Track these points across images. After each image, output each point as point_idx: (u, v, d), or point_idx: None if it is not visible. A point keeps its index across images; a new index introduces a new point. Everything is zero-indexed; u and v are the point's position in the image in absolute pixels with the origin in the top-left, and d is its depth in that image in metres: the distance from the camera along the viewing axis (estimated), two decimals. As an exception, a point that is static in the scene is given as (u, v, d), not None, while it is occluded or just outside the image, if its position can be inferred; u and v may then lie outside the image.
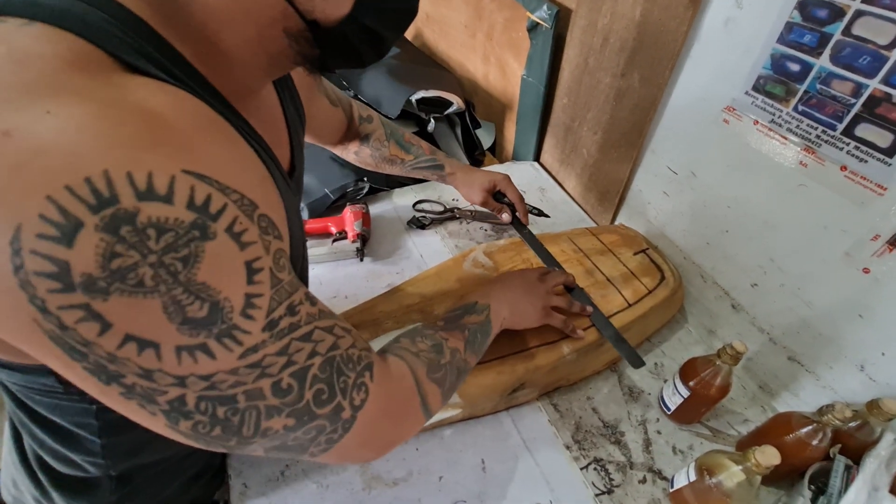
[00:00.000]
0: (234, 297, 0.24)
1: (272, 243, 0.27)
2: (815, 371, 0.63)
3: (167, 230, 0.22)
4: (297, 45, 0.32)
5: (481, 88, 1.27)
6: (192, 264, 0.22)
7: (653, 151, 0.78)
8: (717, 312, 0.74)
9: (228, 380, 0.25)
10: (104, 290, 0.21)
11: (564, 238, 0.77)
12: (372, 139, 0.74)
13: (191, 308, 0.23)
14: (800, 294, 0.62)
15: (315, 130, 0.66)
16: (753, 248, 0.66)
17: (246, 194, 0.25)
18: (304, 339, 0.29)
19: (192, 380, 0.24)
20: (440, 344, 0.44)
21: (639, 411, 0.66)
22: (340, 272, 0.82)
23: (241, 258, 0.24)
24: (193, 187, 0.23)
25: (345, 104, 0.70)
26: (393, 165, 0.77)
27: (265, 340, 0.26)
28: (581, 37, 0.84)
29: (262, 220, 0.26)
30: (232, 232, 0.24)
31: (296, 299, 0.28)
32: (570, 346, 0.61)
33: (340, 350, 0.31)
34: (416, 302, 0.65)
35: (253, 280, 0.25)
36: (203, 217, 0.23)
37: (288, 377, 0.28)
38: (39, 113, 0.20)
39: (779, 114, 0.57)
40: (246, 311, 0.25)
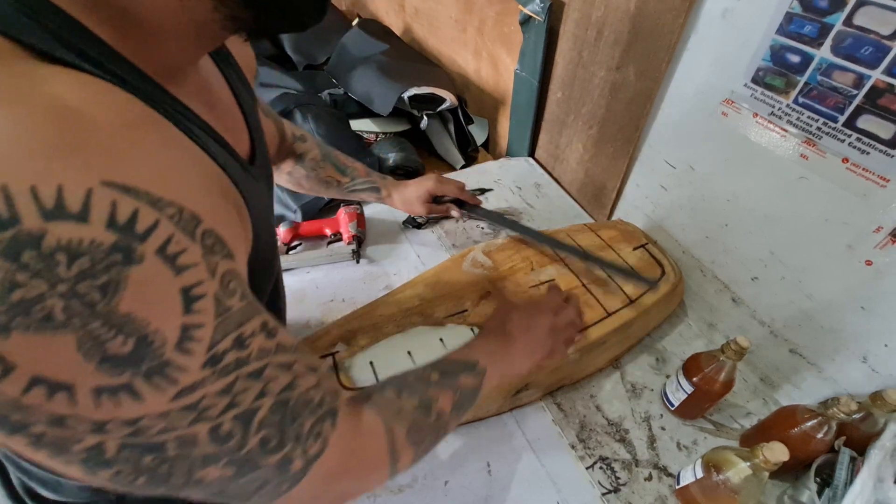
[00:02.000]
0: (166, 329, 0.21)
1: (220, 264, 0.23)
2: (817, 363, 0.63)
3: (81, 254, 0.19)
4: (225, 7, 0.28)
5: (473, 84, 1.25)
6: (113, 294, 0.19)
7: (650, 146, 0.78)
8: (718, 306, 0.74)
9: (157, 425, 0.22)
10: (4, 326, 0.18)
11: (563, 235, 0.76)
12: (307, 159, 0.69)
13: (112, 344, 0.20)
14: (801, 287, 0.62)
15: None
16: (754, 241, 0.66)
17: (186, 206, 0.22)
18: (254, 376, 0.25)
19: (113, 425, 0.21)
20: (429, 403, 0.40)
21: (642, 408, 0.66)
22: (336, 275, 0.80)
23: (175, 284, 0.21)
24: (115, 202, 0.19)
25: (275, 118, 0.65)
26: (328, 188, 0.73)
27: (205, 378, 0.23)
28: (574, 30, 0.83)
29: (206, 236, 0.23)
30: (164, 254, 0.21)
31: (247, 330, 0.25)
32: (573, 346, 0.60)
33: (298, 391, 0.28)
34: (416, 305, 0.64)
35: (192, 309, 0.22)
36: (127, 237, 0.20)
37: (230, 421, 0.24)
38: None
39: (779, 106, 0.56)
40: (182, 345, 0.22)
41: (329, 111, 1.05)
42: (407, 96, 1.01)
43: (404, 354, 0.58)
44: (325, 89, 1.18)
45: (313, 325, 0.72)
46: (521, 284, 0.67)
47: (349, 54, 1.26)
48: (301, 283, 0.78)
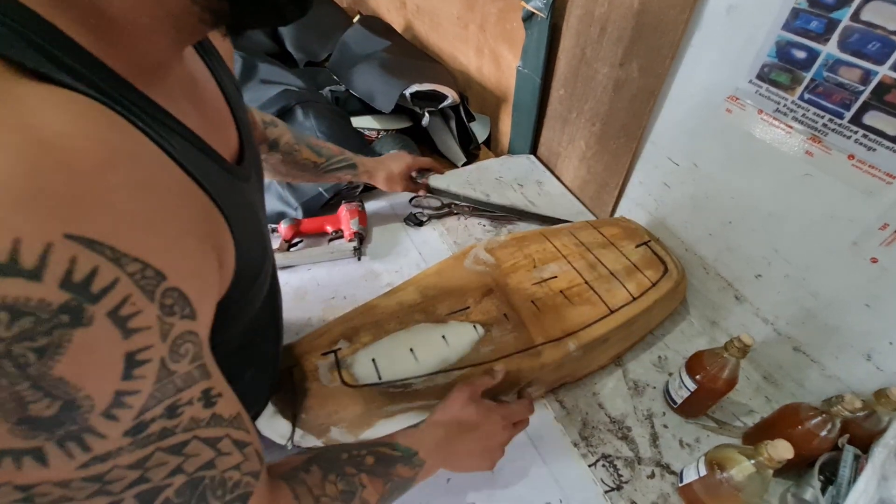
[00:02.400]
0: (98, 394, 0.20)
1: (175, 326, 0.22)
2: (821, 361, 0.63)
3: (24, 314, 0.17)
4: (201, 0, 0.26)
5: (475, 81, 1.25)
6: (51, 356, 0.18)
7: (653, 143, 0.77)
8: (721, 304, 0.74)
9: (53, 493, 0.20)
10: None
11: (565, 232, 0.76)
12: (281, 143, 0.68)
13: (35, 406, 0.18)
14: (805, 284, 0.61)
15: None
16: (757, 238, 0.65)
17: (151, 262, 0.21)
18: (173, 450, 0.23)
19: (4, 490, 0.19)
20: (354, 492, 0.38)
21: (645, 405, 0.66)
22: (338, 272, 0.80)
23: (121, 348, 0.20)
24: (75, 259, 0.18)
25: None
26: (305, 171, 0.72)
27: (121, 448, 0.21)
28: (577, 26, 0.83)
29: (167, 296, 0.22)
30: (116, 315, 0.20)
31: (184, 397, 0.23)
32: (576, 343, 0.60)
33: (214, 471, 0.26)
34: (419, 302, 0.63)
35: (132, 374, 0.20)
36: (79, 298, 0.18)
37: (132, 499, 0.22)
38: None
39: (784, 102, 0.56)
40: (109, 412, 0.20)
41: (330, 108, 1.05)
42: (409, 93, 1.01)
43: (407, 352, 0.58)
44: (327, 86, 1.18)
45: (315, 323, 0.72)
46: (523, 282, 0.67)
47: (350, 51, 1.26)
48: (302, 280, 0.78)
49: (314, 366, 0.55)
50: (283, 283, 0.76)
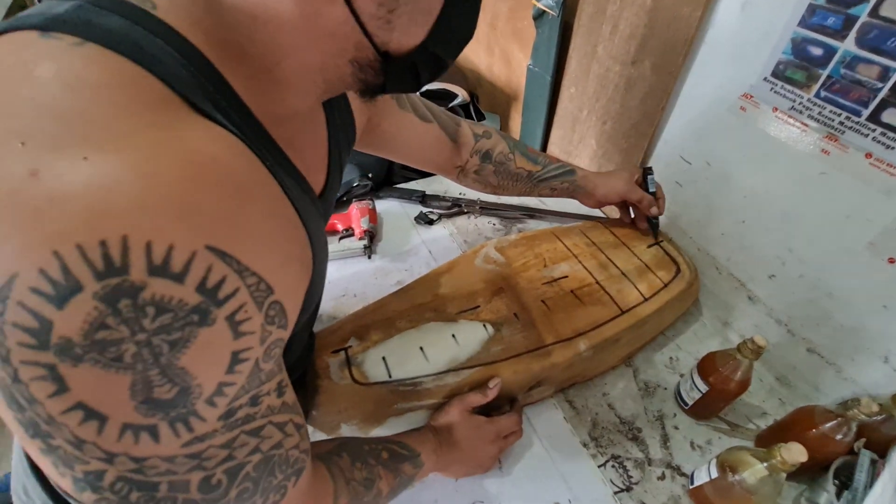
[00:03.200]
0: (206, 384, 0.22)
1: (272, 334, 0.25)
2: (836, 363, 0.62)
3: (167, 311, 0.20)
4: (362, 74, 0.31)
5: (485, 80, 1.25)
6: (180, 349, 0.21)
7: (665, 141, 0.77)
8: (733, 304, 0.73)
9: (160, 466, 0.23)
10: (77, 357, 0.19)
11: (576, 231, 0.76)
12: (494, 154, 0.68)
13: (159, 390, 0.21)
14: (820, 285, 0.60)
15: (406, 151, 0.62)
16: (771, 238, 0.64)
17: (265, 278, 0.24)
18: (254, 433, 0.27)
19: (122, 459, 0.22)
20: (373, 480, 0.42)
21: (655, 406, 0.65)
22: (348, 270, 0.81)
23: (230, 347, 0.23)
24: (211, 267, 0.21)
25: (444, 120, 0.64)
26: (517, 182, 0.70)
27: (216, 430, 0.24)
28: (589, 24, 0.82)
29: (272, 308, 0.25)
30: (232, 320, 0.22)
31: (264, 389, 0.27)
32: (587, 343, 0.60)
33: (282, 450, 0.29)
34: (429, 300, 0.64)
35: (233, 370, 0.23)
36: (208, 302, 0.21)
37: (221, 473, 0.25)
38: (76, 157, 0.19)
39: (799, 100, 0.55)
40: (212, 399, 0.23)
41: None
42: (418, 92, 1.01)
43: (417, 350, 0.58)
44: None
45: (325, 320, 0.72)
46: (533, 281, 0.66)
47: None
48: (313, 278, 0.79)
49: (325, 363, 0.56)
50: (294, 281, 0.78)
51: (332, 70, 0.30)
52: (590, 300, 0.65)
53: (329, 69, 0.30)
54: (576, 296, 0.65)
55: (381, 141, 0.59)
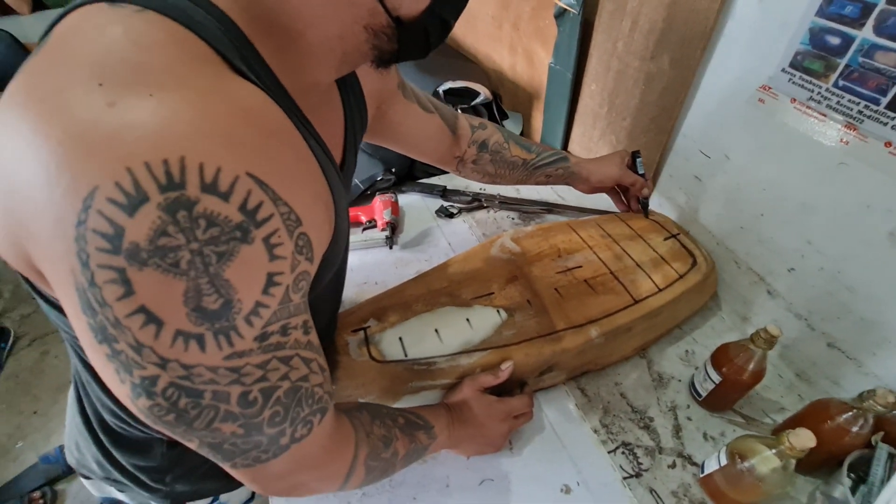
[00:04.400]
0: (245, 300, 0.25)
1: (300, 264, 0.28)
2: (857, 357, 0.61)
3: (215, 224, 0.23)
4: (377, 41, 0.33)
5: (508, 79, 1.27)
6: (226, 261, 0.24)
7: (684, 135, 0.77)
8: (752, 299, 0.72)
9: (205, 375, 0.26)
10: (143, 260, 0.22)
11: (592, 224, 0.77)
12: (490, 144, 0.71)
13: (208, 299, 0.24)
14: (840, 278, 0.60)
15: (410, 140, 0.65)
16: (790, 231, 0.64)
17: (294, 209, 0.27)
18: (284, 361, 0.29)
19: (173, 365, 0.25)
20: (391, 440, 0.44)
21: (668, 397, 0.65)
22: (370, 259, 0.84)
23: (266, 268, 0.25)
24: (251, 191, 0.24)
25: (445, 112, 0.67)
26: (514, 170, 0.73)
27: (252, 349, 0.27)
28: (609, 21, 0.83)
29: (300, 238, 0.27)
30: (268, 242, 0.25)
31: (293, 322, 0.29)
32: (598, 330, 0.61)
33: (308, 384, 0.32)
34: (445, 286, 0.66)
35: (268, 291, 0.26)
36: (249, 221, 0.24)
37: (257, 391, 0.28)
38: (144, 93, 0.23)
39: (817, 90, 0.55)
40: (249, 317, 0.26)
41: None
42: (442, 90, 1.04)
43: (432, 332, 0.60)
44: (365, 85, 1.23)
45: (347, 305, 0.76)
46: (547, 270, 0.68)
47: (388, 52, 1.31)
48: (337, 265, 0.83)
49: (345, 341, 0.59)
50: (319, 269, 0.82)
51: (350, 39, 0.33)
52: (603, 289, 0.66)
53: (347, 38, 0.33)
54: (589, 285, 0.66)
55: (388, 130, 0.61)
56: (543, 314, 0.62)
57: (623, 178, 0.75)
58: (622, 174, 0.75)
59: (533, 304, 0.64)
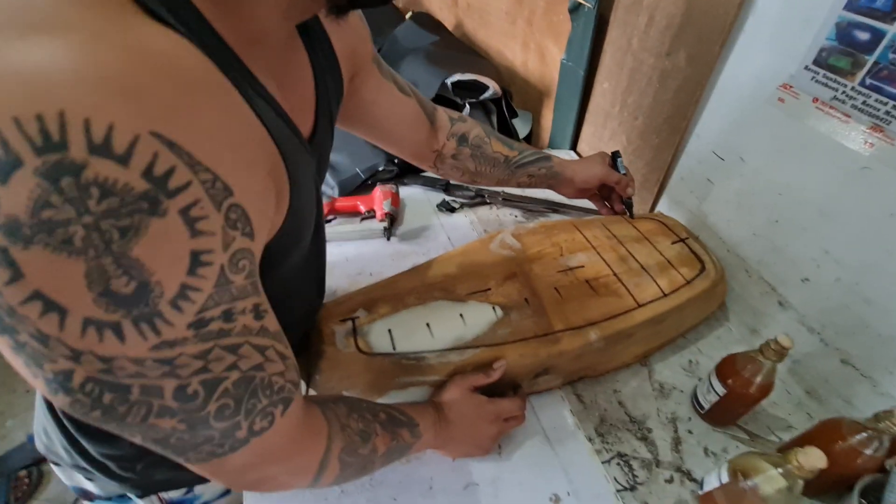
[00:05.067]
0: (167, 282, 0.22)
1: (235, 241, 0.24)
2: (873, 376, 0.57)
3: (112, 194, 0.19)
4: None
5: (519, 76, 1.24)
6: (131, 237, 0.20)
7: (698, 136, 0.74)
8: (763, 310, 0.69)
9: (129, 368, 0.23)
10: (27, 238, 0.19)
11: (598, 224, 0.74)
12: (470, 137, 0.65)
13: (116, 282, 0.21)
14: (858, 290, 0.56)
15: (384, 125, 0.59)
16: (806, 239, 0.61)
17: (221, 176, 0.23)
18: (230, 349, 0.26)
19: (88, 357, 0.22)
20: (369, 434, 0.41)
21: (669, 408, 0.62)
22: (367, 250, 0.82)
23: (188, 245, 0.22)
24: (157, 154, 0.20)
25: (423, 99, 0.62)
26: (495, 168, 0.68)
27: (187, 338, 0.24)
28: (625, 16, 0.81)
29: (232, 210, 0.24)
30: (187, 215, 0.22)
31: (239, 307, 0.26)
32: (598, 333, 0.58)
33: (264, 373, 0.29)
34: (440, 280, 0.64)
35: (195, 272, 0.23)
36: (157, 190, 0.20)
37: (197, 384, 0.25)
38: (15, 38, 0.19)
39: (842, 89, 0.52)
40: (176, 302, 0.22)
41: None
42: (450, 82, 1.02)
43: (423, 326, 0.58)
44: (373, 77, 1.21)
45: (340, 294, 0.73)
46: (548, 269, 0.65)
47: (400, 45, 1.29)
48: (332, 255, 0.80)
49: (331, 330, 0.57)
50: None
51: None
52: (605, 291, 0.63)
53: None
54: (591, 286, 0.63)
55: (361, 110, 0.55)
56: (541, 314, 0.60)
57: (608, 176, 0.71)
58: (607, 173, 0.71)
59: (531, 302, 0.61)
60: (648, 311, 0.61)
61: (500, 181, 0.70)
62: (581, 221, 0.74)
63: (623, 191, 0.73)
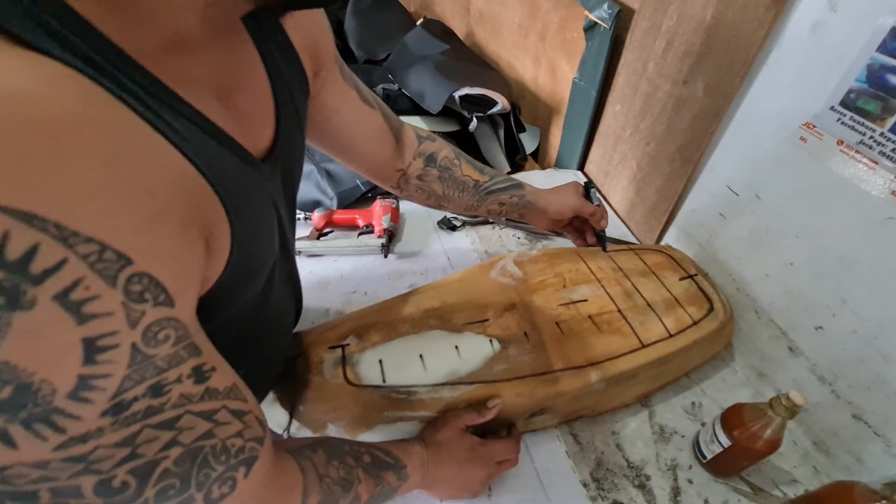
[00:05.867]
0: (57, 378, 0.19)
1: (147, 314, 0.21)
2: (886, 435, 0.54)
3: None
4: None
5: (529, 91, 1.22)
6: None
7: (711, 168, 0.71)
8: (771, 354, 0.66)
9: (30, 474, 0.19)
10: None
11: (603, 254, 0.71)
12: (439, 157, 0.60)
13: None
14: (876, 344, 0.53)
15: (346, 137, 0.52)
16: (823, 285, 0.58)
17: (110, 244, 0.19)
18: (164, 426, 0.23)
19: None
20: (351, 482, 0.39)
21: (669, 454, 0.59)
22: (363, 267, 0.79)
23: (76, 334, 0.19)
24: (7, 233, 0.16)
25: (389, 113, 0.55)
26: (464, 193, 0.62)
27: (102, 428, 0.20)
28: (642, 39, 0.78)
29: (134, 282, 0.20)
30: (66, 300, 0.18)
31: (171, 377, 0.23)
32: (599, 374, 0.55)
33: (215, 440, 0.26)
34: (436, 307, 0.61)
35: (95, 360, 0.19)
36: (16, 278, 0.17)
37: (125, 474, 0.22)
38: None
39: (870, 134, 0.49)
40: (77, 394, 0.19)
41: (379, 105, 1.05)
42: (458, 96, 0.99)
43: (416, 357, 0.55)
44: (380, 84, 1.19)
45: (332, 315, 0.71)
46: (549, 301, 0.62)
47: (409, 52, 1.26)
48: (326, 270, 0.78)
49: (320, 358, 0.54)
50: (307, 272, 0.77)
51: None
52: (608, 329, 0.60)
53: None
54: (593, 322, 0.60)
55: (321, 118, 0.48)
56: (540, 350, 0.57)
57: (581, 208, 0.66)
58: (580, 204, 0.66)
59: (530, 337, 0.58)
60: (653, 352, 0.58)
61: (469, 207, 0.64)
62: (586, 251, 0.72)
63: (597, 223, 0.67)
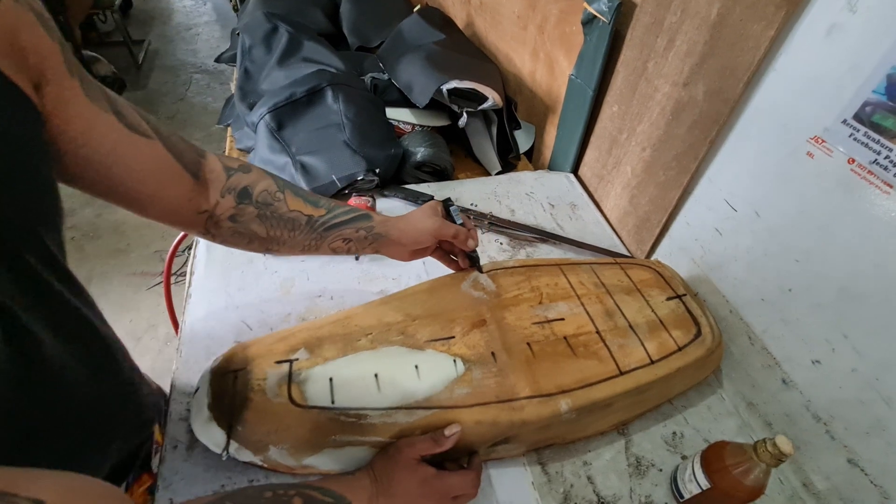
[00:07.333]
0: None
1: None
2: (883, 486, 0.49)
3: None
4: None
5: (526, 87, 1.16)
6: None
7: (709, 180, 0.65)
8: (762, 384, 0.61)
9: None
10: None
11: (586, 268, 0.66)
12: (255, 192, 0.48)
13: None
14: (877, 386, 0.48)
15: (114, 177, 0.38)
16: (823, 316, 0.53)
17: None
18: None
19: None
20: None
21: (644, 490, 0.55)
22: (332, 269, 0.74)
23: None
24: None
25: (176, 143, 0.43)
26: (295, 231, 0.51)
27: None
28: (643, 36, 0.72)
29: None
30: None
31: None
32: (570, 403, 0.51)
33: None
34: (399, 321, 0.56)
35: None
36: None
37: None
38: None
39: (886, 153, 0.43)
40: None
41: (364, 95, 1.00)
42: (446, 89, 0.93)
43: (370, 377, 0.50)
44: (370, 73, 1.13)
45: (293, 321, 0.66)
46: (522, 318, 0.57)
47: (403, 40, 1.20)
48: (293, 271, 0.73)
49: (263, 374, 0.49)
50: (271, 272, 0.72)
51: None
52: (584, 352, 0.55)
53: None
54: (568, 344, 0.55)
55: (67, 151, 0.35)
56: (507, 374, 0.52)
57: (442, 230, 0.57)
58: (439, 226, 0.57)
59: (498, 358, 0.53)
60: (630, 380, 0.54)
61: (306, 248, 0.53)
62: (568, 264, 0.66)
63: (462, 244, 0.59)
